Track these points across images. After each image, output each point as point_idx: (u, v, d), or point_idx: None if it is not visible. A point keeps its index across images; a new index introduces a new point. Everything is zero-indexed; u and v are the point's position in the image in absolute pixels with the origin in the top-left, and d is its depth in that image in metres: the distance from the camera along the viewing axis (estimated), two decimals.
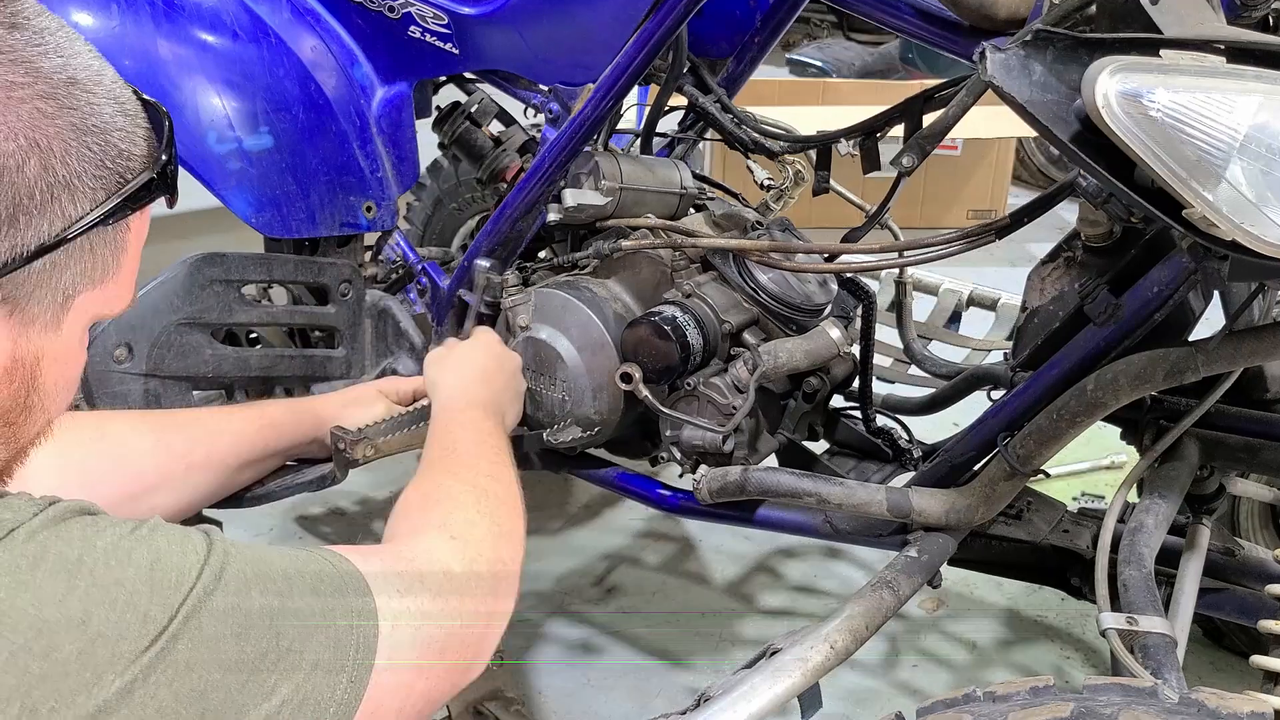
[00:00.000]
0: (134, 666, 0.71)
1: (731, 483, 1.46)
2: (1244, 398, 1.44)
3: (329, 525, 2.43)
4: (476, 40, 1.70)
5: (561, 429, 1.59)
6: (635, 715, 1.89)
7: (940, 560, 1.39)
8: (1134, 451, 1.49)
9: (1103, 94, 0.94)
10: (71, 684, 0.69)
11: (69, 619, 0.70)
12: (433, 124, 1.93)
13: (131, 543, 0.76)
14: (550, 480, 2.46)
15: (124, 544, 0.75)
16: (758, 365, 1.47)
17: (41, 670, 0.68)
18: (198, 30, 1.68)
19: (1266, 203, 0.96)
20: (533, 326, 1.60)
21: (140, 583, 0.74)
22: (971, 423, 1.45)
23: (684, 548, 2.37)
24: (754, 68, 1.85)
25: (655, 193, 1.69)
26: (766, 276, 1.56)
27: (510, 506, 1.18)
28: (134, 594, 0.73)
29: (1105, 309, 1.28)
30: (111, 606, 0.72)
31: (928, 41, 1.42)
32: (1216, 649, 2.02)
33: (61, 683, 0.69)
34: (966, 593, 2.22)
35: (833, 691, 1.49)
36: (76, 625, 0.70)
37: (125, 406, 1.55)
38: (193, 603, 0.75)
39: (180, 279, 1.58)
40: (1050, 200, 1.38)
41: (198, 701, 0.74)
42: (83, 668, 0.69)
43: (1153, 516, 1.32)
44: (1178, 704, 0.94)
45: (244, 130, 1.66)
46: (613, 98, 1.56)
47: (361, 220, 1.80)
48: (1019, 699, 0.98)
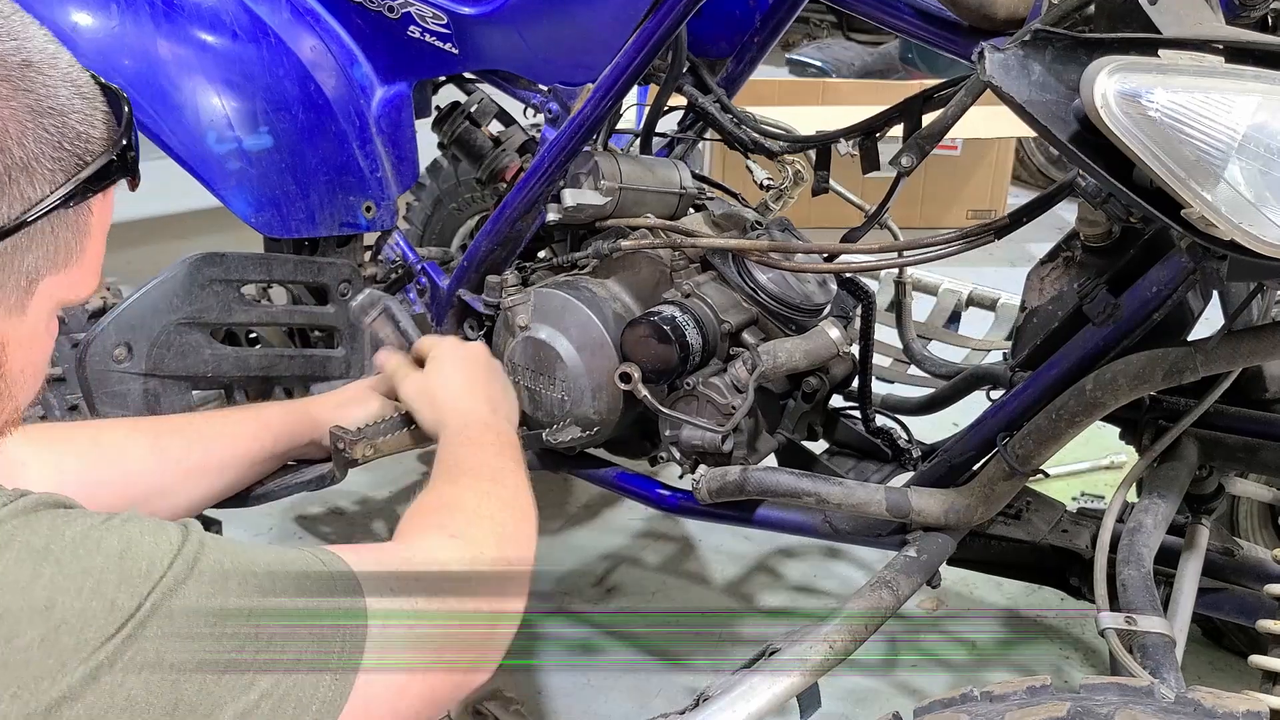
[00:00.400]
0: (99, 653, 0.70)
1: (731, 483, 1.46)
2: (1243, 397, 1.44)
3: (328, 525, 2.43)
4: (476, 40, 1.70)
5: (561, 429, 1.59)
6: (635, 715, 1.88)
7: (939, 560, 1.39)
8: (1133, 451, 1.49)
9: (1101, 94, 0.94)
10: (34, 670, 0.68)
11: (32, 606, 0.69)
12: (432, 124, 1.93)
13: (102, 532, 0.75)
14: (550, 480, 2.46)
15: (94, 533, 0.75)
16: (757, 365, 1.47)
17: (3, 657, 0.68)
18: (198, 30, 1.68)
19: (1265, 203, 0.96)
20: (532, 326, 1.61)
21: (109, 571, 0.73)
22: (971, 423, 1.45)
23: (684, 548, 2.37)
24: (754, 68, 1.85)
25: (655, 193, 1.69)
26: (766, 276, 1.56)
27: (517, 508, 1.16)
28: (101, 582, 0.72)
29: (1104, 309, 1.28)
30: (77, 594, 0.71)
31: (927, 41, 1.42)
32: (1216, 649, 2.02)
33: (23, 670, 0.68)
34: (966, 593, 2.22)
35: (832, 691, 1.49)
36: (40, 612, 0.69)
37: (124, 406, 1.55)
38: (162, 591, 0.74)
39: (180, 279, 1.58)
40: (1049, 200, 1.38)
41: (169, 692, 0.73)
42: (46, 654, 0.69)
43: (1152, 516, 1.32)
44: (1174, 703, 0.94)
45: (244, 130, 1.66)
46: (612, 98, 1.57)
47: (361, 220, 1.80)
48: (1016, 699, 0.98)
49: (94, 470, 1.22)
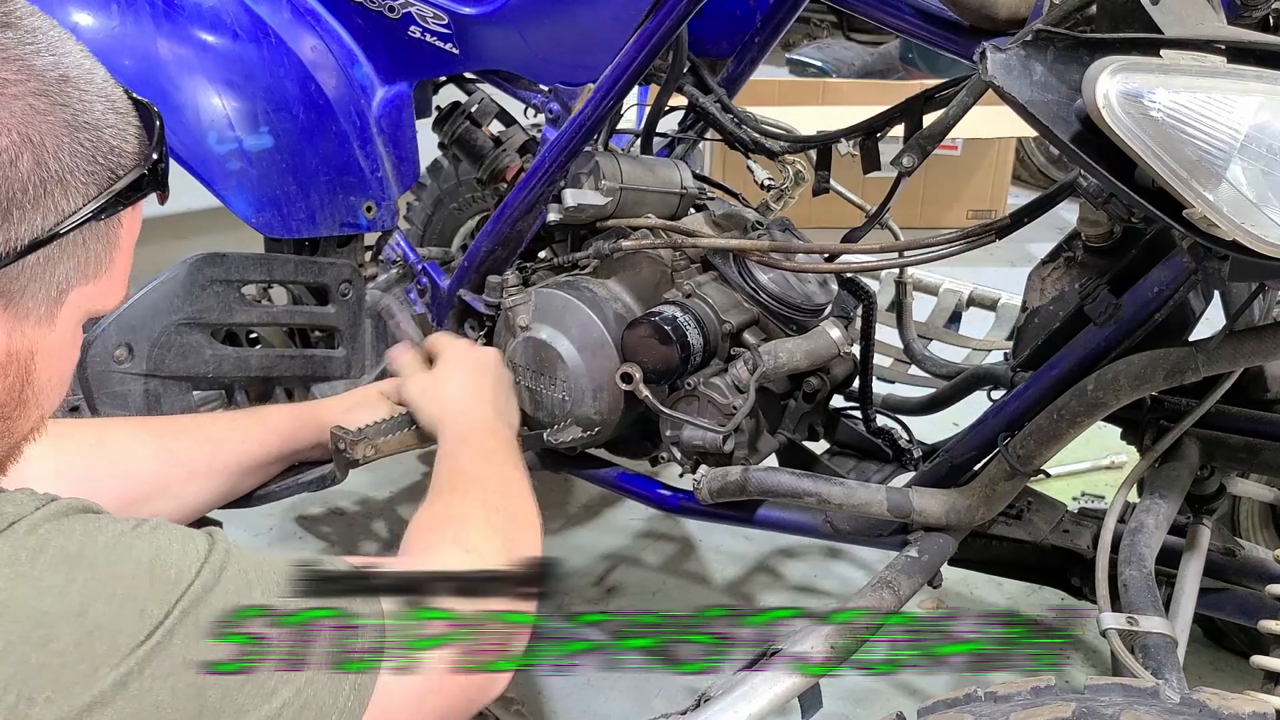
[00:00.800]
0: (130, 659, 0.72)
1: (732, 483, 1.46)
2: (1244, 398, 1.44)
3: (329, 525, 2.42)
4: (476, 40, 1.70)
5: (561, 429, 1.59)
6: (635, 715, 1.88)
7: (940, 560, 1.39)
8: (1134, 451, 1.49)
9: (1103, 94, 0.94)
10: (68, 675, 0.69)
11: (67, 610, 0.70)
12: (433, 124, 1.92)
13: (132, 539, 0.76)
14: (550, 480, 2.46)
15: (125, 540, 0.76)
16: (758, 365, 1.47)
17: (39, 660, 0.69)
18: (198, 30, 1.68)
19: (1267, 203, 0.96)
20: (533, 326, 1.60)
21: (139, 578, 0.74)
22: (971, 423, 1.45)
23: (684, 548, 2.37)
24: (754, 68, 1.84)
25: (655, 193, 1.69)
26: (766, 276, 1.56)
27: (522, 520, 1.17)
28: (133, 588, 0.73)
29: (1105, 309, 1.28)
30: (110, 600, 0.72)
31: (928, 41, 1.42)
32: (1217, 649, 2.02)
33: (59, 674, 0.69)
34: (966, 593, 2.21)
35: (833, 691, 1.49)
36: (74, 617, 0.70)
37: (125, 407, 1.55)
38: (190, 599, 0.76)
39: (180, 279, 1.58)
40: (1050, 200, 1.38)
41: (195, 699, 0.74)
42: (79, 659, 0.70)
43: (1153, 516, 1.32)
44: (1179, 704, 0.94)
45: (244, 130, 1.66)
46: (613, 98, 1.56)
47: (361, 220, 1.80)
48: (1020, 699, 0.98)
49: (97, 467, 1.22)
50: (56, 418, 1.67)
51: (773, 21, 1.77)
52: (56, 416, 1.67)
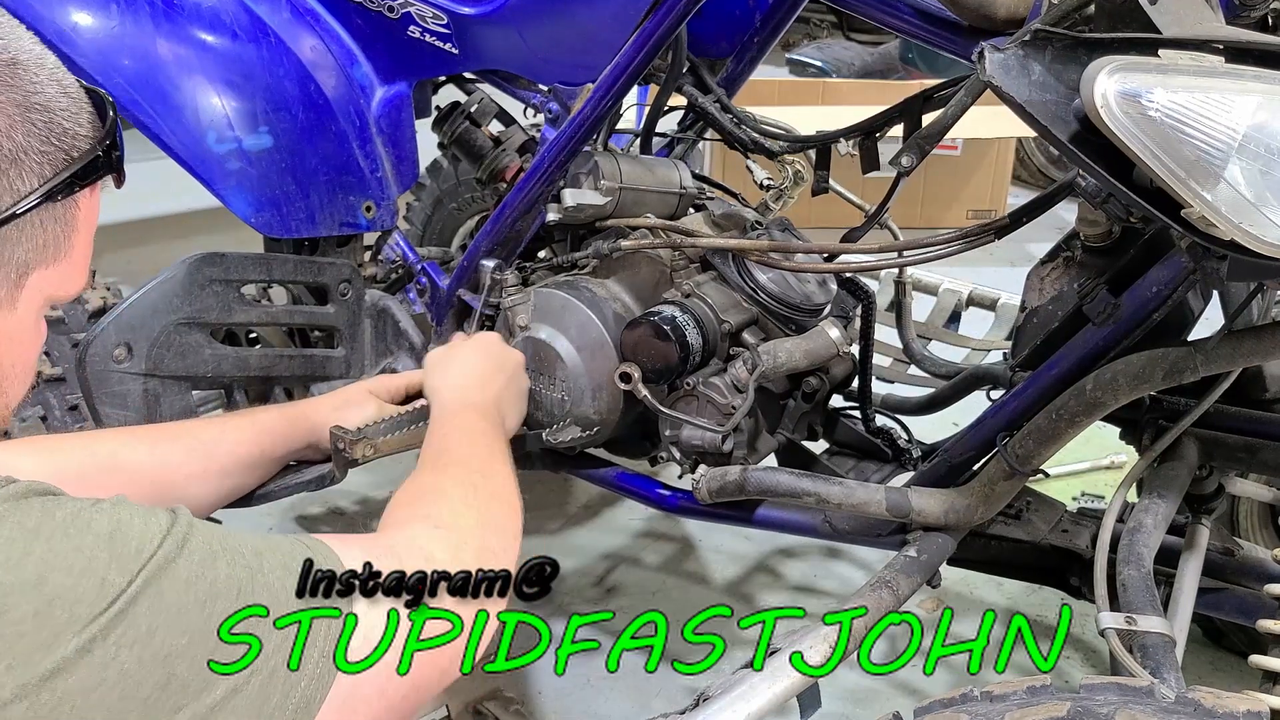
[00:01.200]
0: (91, 627, 0.71)
1: (731, 482, 1.46)
2: (1243, 397, 1.44)
3: (328, 524, 2.43)
4: (476, 40, 1.70)
5: (561, 429, 1.59)
6: (635, 715, 1.89)
7: (939, 560, 1.39)
8: (1133, 451, 1.49)
9: (1101, 94, 0.94)
10: (27, 644, 0.69)
11: (24, 582, 0.70)
12: (433, 124, 1.93)
13: (92, 514, 0.76)
14: (550, 480, 2.46)
15: (84, 514, 0.76)
16: (757, 365, 1.47)
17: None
18: (198, 30, 1.68)
19: (1265, 203, 0.96)
20: (532, 326, 1.61)
21: (99, 549, 0.74)
22: (971, 423, 1.45)
23: (684, 548, 2.37)
24: (754, 68, 1.85)
25: (655, 193, 1.69)
26: (766, 276, 1.56)
27: (502, 502, 1.16)
28: (92, 559, 0.73)
29: (1104, 309, 1.28)
30: (68, 571, 0.72)
31: (927, 41, 1.42)
32: (1216, 649, 2.02)
33: (16, 642, 0.69)
34: (966, 592, 2.22)
35: (832, 691, 1.49)
36: (31, 587, 0.70)
37: (124, 406, 1.55)
38: (153, 568, 0.75)
39: (180, 279, 1.58)
40: (1050, 200, 1.38)
41: (161, 666, 0.74)
42: (39, 628, 0.70)
43: (1152, 516, 1.32)
44: (1174, 703, 0.94)
45: (244, 130, 1.67)
46: (612, 98, 1.57)
47: (361, 220, 1.80)
48: (1016, 698, 0.98)
49: (91, 478, 1.22)
50: (56, 417, 1.67)
51: (772, 21, 1.77)
52: (55, 416, 1.67)
